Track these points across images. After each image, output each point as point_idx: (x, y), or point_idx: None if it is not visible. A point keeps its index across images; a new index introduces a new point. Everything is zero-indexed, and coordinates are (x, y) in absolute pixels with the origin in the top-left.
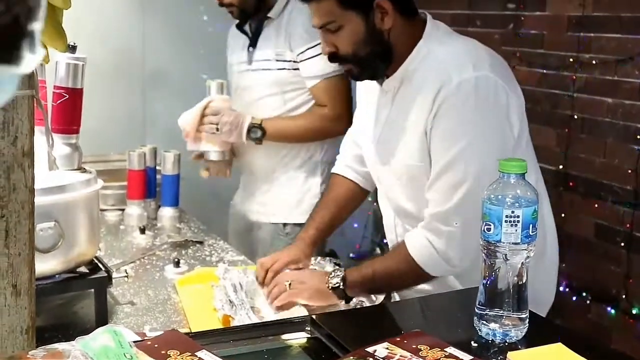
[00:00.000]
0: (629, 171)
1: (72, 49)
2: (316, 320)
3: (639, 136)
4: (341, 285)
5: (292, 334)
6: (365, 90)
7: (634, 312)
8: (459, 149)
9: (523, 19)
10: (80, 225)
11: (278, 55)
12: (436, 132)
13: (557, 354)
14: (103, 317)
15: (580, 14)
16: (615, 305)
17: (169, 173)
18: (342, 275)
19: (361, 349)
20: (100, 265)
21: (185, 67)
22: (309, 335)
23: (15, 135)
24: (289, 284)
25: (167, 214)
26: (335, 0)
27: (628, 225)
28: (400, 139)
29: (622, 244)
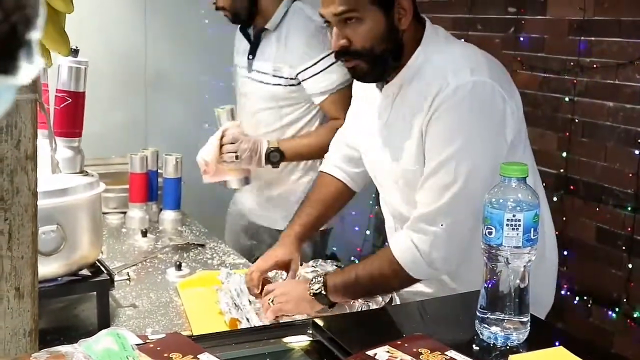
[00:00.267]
0: (630, 175)
1: (75, 52)
2: (318, 323)
3: (639, 140)
4: (323, 291)
5: (294, 337)
6: (363, 96)
7: (635, 316)
8: (451, 150)
9: (524, 22)
10: (83, 228)
11: (275, 70)
12: (430, 134)
13: (559, 357)
14: (105, 320)
15: (581, 18)
16: (617, 309)
17: (171, 176)
18: (323, 281)
19: (362, 352)
20: (103, 268)
21: (187, 71)
22: (311, 339)
23: (18, 138)
24: (272, 300)
25: (169, 217)
26: None
27: (629, 228)
28: (398, 143)
29: (624, 247)
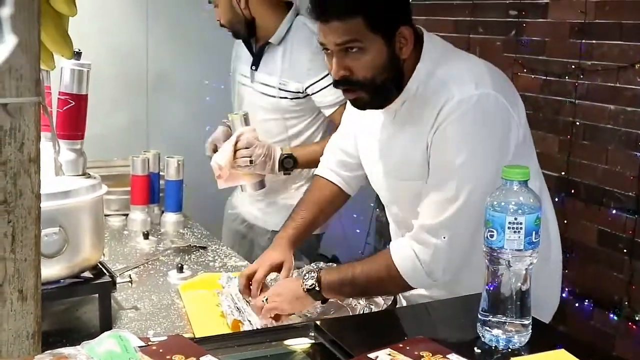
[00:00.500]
0: (631, 177)
1: (77, 55)
2: (320, 325)
3: None
4: (316, 287)
5: (296, 340)
6: (363, 112)
7: (637, 319)
8: (455, 165)
9: (525, 25)
10: (85, 230)
11: (282, 84)
12: (435, 147)
13: None
14: (107, 322)
15: (582, 21)
16: (618, 312)
17: (173, 178)
18: (317, 277)
19: (363, 355)
20: (105, 271)
21: (189, 73)
22: (313, 341)
23: (22, 141)
24: (266, 300)
25: (171, 219)
26: (364, 20)
27: (631, 231)
28: (402, 157)
29: (625, 250)
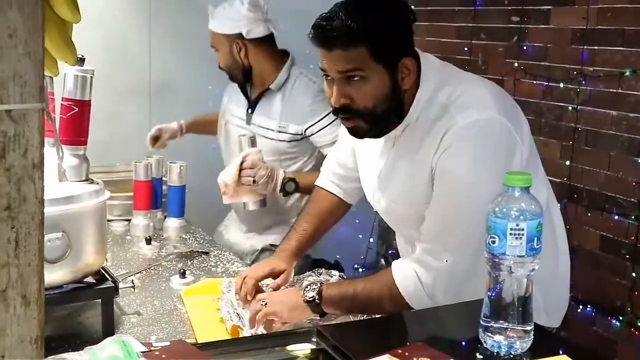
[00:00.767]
0: (634, 183)
1: (81, 61)
2: (322, 331)
3: None
4: (316, 299)
5: (298, 345)
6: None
7: None
8: (459, 190)
9: (527, 31)
10: (88, 235)
11: (282, 127)
12: (439, 172)
13: None
14: (109, 328)
15: (584, 27)
16: (621, 318)
17: (175, 184)
18: (318, 290)
19: None
20: (107, 276)
21: (192, 79)
22: (315, 347)
23: (25, 147)
24: (265, 304)
25: (173, 224)
26: (367, 49)
27: (633, 237)
28: (405, 184)
29: (627, 256)
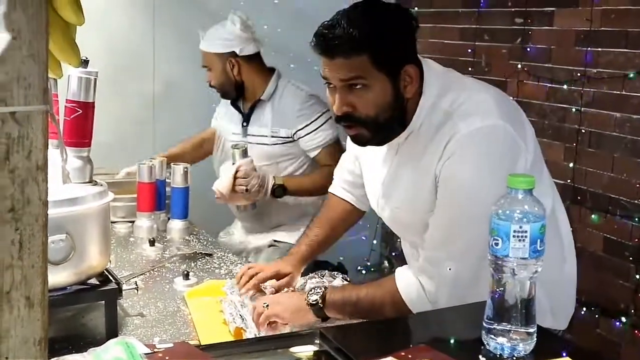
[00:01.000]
0: (637, 185)
1: (85, 63)
2: (325, 333)
3: None
4: (320, 303)
5: (301, 347)
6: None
7: None
8: (463, 199)
9: (531, 33)
10: (92, 237)
11: (274, 132)
12: (442, 179)
13: None
14: (113, 329)
15: (588, 29)
16: (624, 320)
17: (179, 186)
18: (322, 294)
19: None
20: (111, 277)
21: (195, 81)
22: (318, 348)
23: (29, 149)
24: (267, 305)
25: (177, 226)
26: (369, 58)
27: (636, 239)
28: (409, 193)
29: (631, 258)
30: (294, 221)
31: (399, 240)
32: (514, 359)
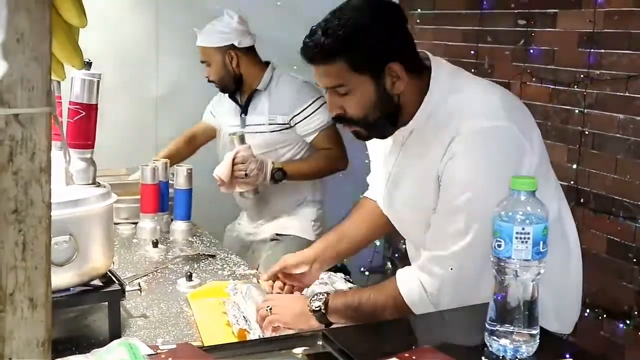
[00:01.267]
0: None
1: (88, 65)
2: (328, 334)
3: None
4: (322, 309)
5: (304, 348)
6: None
7: None
8: (465, 198)
9: (534, 35)
10: (95, 239)
11: (271, 120)
12: (446, 178)
13: None
14: (116, 330)
15: (591, 31)
16: (628, 322)
17: (182, 187)
18: (325, 300)
19: None
20: (114, 279)
21: (198, 83)
22: (321, 350)
23: (33, 151)
24: (270, 309)
25: (180, 227)
26: (346, 63)
27: None
28: (413, 190)
29: (635, 260)
30: (294, 207)
31: (402, 242)
32: None
